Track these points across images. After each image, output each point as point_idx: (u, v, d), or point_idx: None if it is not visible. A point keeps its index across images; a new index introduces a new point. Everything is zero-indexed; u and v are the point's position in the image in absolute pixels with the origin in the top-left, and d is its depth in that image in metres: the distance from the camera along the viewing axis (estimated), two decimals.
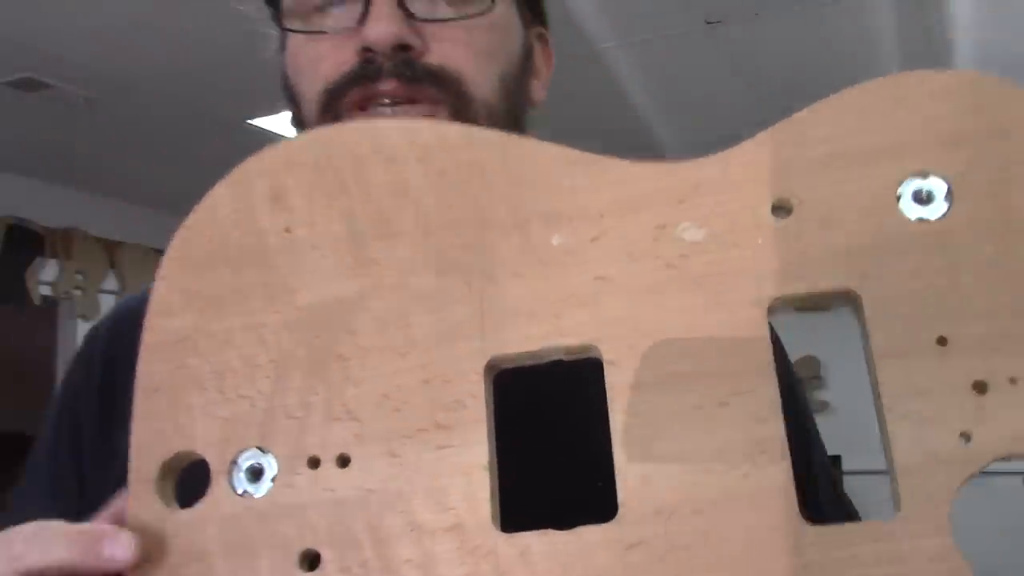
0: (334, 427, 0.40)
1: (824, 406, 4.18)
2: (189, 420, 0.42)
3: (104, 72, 2.81)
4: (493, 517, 0.38)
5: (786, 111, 0.41)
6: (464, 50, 0.57)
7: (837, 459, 4.03)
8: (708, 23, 2.58)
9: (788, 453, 0.37)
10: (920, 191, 0.38)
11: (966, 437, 0.38)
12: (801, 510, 0.37)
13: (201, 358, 0.42)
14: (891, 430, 0.37)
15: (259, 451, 0.41)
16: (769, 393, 0.38)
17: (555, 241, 0.41)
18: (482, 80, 0.57)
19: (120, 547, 0.39)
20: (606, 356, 0.39)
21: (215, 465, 0.41)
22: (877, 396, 0.38)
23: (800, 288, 0.39)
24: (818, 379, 4.19)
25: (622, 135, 3.54)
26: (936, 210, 0.38)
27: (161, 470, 0.41)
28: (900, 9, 2.54)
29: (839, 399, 4.16)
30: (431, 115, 0.55)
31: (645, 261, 0.40)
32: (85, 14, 2.45)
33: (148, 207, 4.41)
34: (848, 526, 0.36)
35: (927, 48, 2.80)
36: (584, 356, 0.40)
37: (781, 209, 0.39)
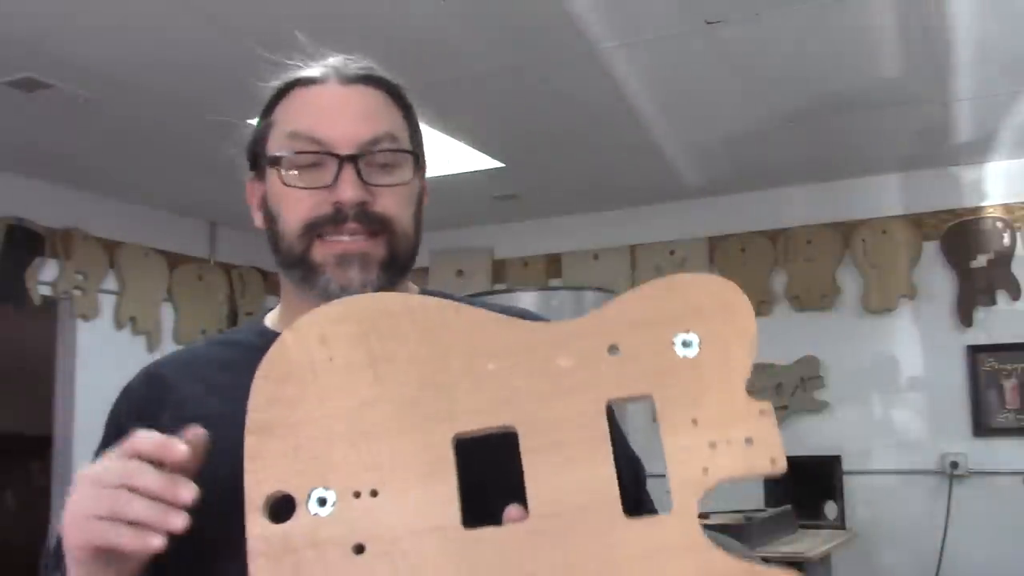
0: (366, 475, 0.70)
1: (823, 406, 4.18)
2: (278, 473, 0.71)
3: (104, 72, 2.81)
4: (459, 521, 0.69)
5: (786, 111, 0.42)
6: (395, 202, 0.92)
7: (837, 459, 4.03)
8: (708, 23, 2.58)
9: (615, 484, 0.69)
10: (684, 340, 0.70)
11: (705, 471, 0.68)
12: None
13: (280, 439, 0.72)
14: (668, 468, 0.68)
15: (324, 488, 0.70)
16: (605, 451, 0.69)
17: (490, 366, 0.72)
18: (404, 219, 0.93)
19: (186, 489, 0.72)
20: (520, 431, 0.70)
21: (298, 498, 0.70)
22: (664, 448, 0.69)
23: (622, 394, 0.71)
24: (818, 379, 4.19)
25: (622, 135, 3.54)
26: (692, 351, 0.70)
27: (265, 501, 0.70)
28: (900, 9, 2.54)
29: (838, 399, 4.16)
30: (375, 245, 0.90)
31: (538, 377, 0.71)
32: (85, 14, 2.45)
33: (148, 207, 4.41)
34: (644, 518, 0.69)
35: (927, 48, 2.81)
36: (507, 431, 0.71)
37: (614, 348, 0.71)
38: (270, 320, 1.00)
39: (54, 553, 0.81)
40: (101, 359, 4.05)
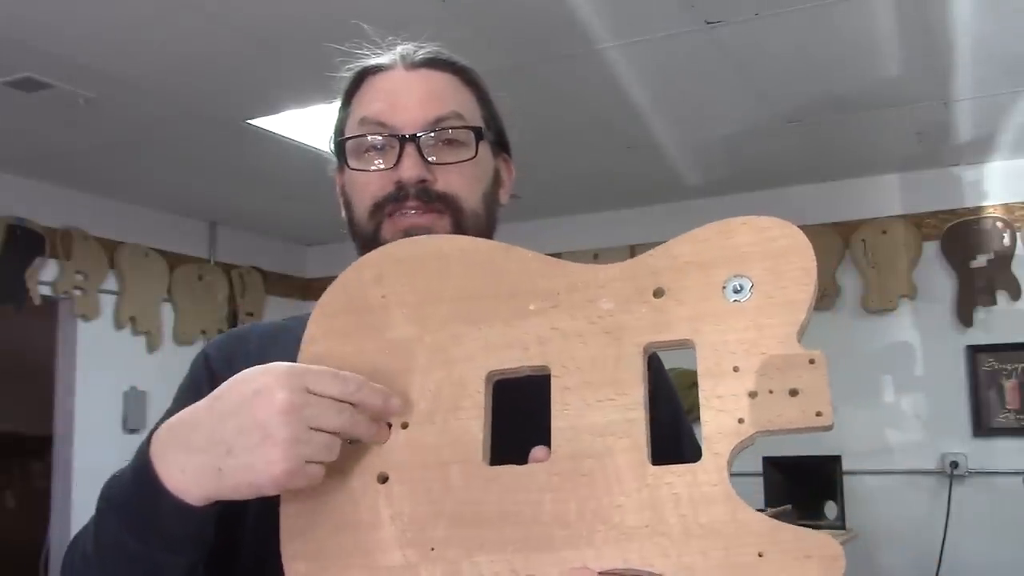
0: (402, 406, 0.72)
1: None
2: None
3: (104, 72, 2.81)
4: (484, 457, 0.70)
5: (786, 111, 0.43)
6: (460, 180, 0.92)
7: (837, 459, 4.02)
8: (708, 23, 2.58)
9: (645, 430, 0.66)
10: (736, 285, 0.67)
11: (741, 421, 0.64)
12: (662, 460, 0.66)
13: (330, 365, 0.71)
14: (703, 416, 0.65)
15: None
16: (637, 396, 0.67)
17: (531, 307, 0.72)
18: (471, 198, 0.93)
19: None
20: (553, 372, 0.70)
21: None
22: (699, 397, 0.65)
23: (661, 338, 0.68)
24: None
25: (622, 135, 3.54)
26: (744, 296, 0.66)
27: None
28: (900, 9, 2.54)
29: (838, 399, 4.13)
30: (440, 221, 0.90)
31: (578, 319, 0.70)
32: (85, 14, 2.45)
33: (148, 207, 4.41)
34: (671, 466, 0.65)
35: (927, 48, 2.81)
36: (541, 373, 0.70)
37: (660, 291, 0.69)
38: None
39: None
40: (101, 359, 4.06)
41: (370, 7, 2.42)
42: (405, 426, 0.71)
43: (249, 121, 3.28)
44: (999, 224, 4.00)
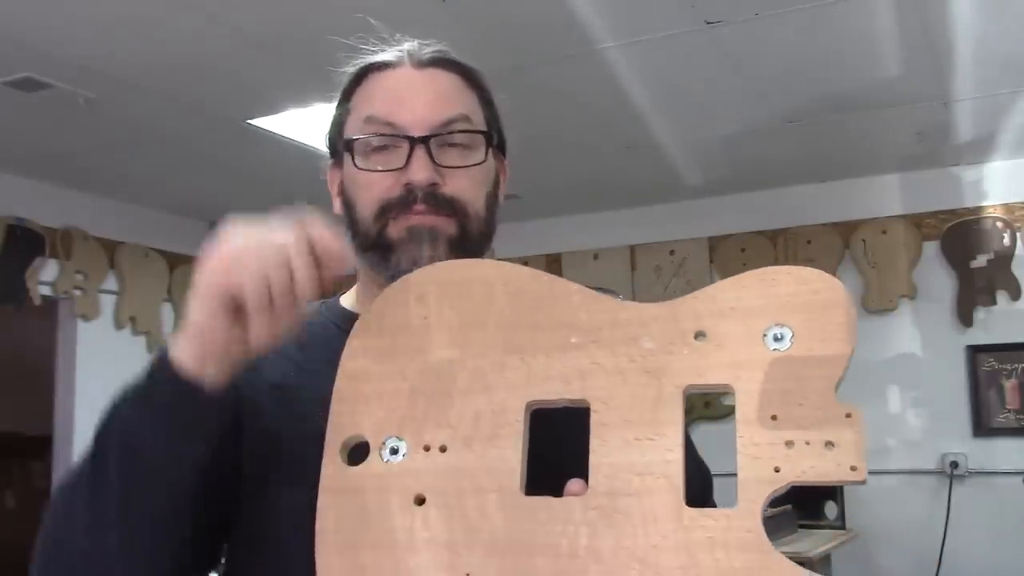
0: (438, 431, 0.73)
1: None
2: (360, 419, 0.75)
3: (104, 72, 2.81)
4: (520, 486, 0.70)
5: (786, 111, 0.43)
6: (468, 184, 0.92)
7: None
8: (708, 23, 2.58)
9: (682, 472, 0.67)
10: (777, 333, 0.68)
11: (776, 470, 0.64)
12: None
13: (369, 384, 0.75)
14: (739, 461, 0.65)
15: (397, 438, 0.73)
16: (676, 438, 0.68)
17: (573, 339, 0.73)
18: (477, 202, 0.93)
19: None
20: (592, 407, 0.70)
21: (372, 444, 0.74)
22: (736, 443, 0.66)
23: (700, 381, 0.68)
24: None
25: (622, 135, 3.54)
26: (784, 345, 0.67)
27: (343, 444, 0.74)
28: (900, 9, 2.54)
29: (838, 399, 4.15)
30: (446, 225, 0.90)
31: (620, 356, 0.71)
32: (85, 14, 2.45)
33: (148, 207, 4.41)
34: (707, 510, 0.65)
35: (927, 48, 2.81)
36: (579, 406, 0.71)
37: (701, 334, 0.69)
38: (347, 302, 1.01)
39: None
40: (101, 359, 4.06)
41: (370, 7, 2.42)
42: (443, 450, 0.72)
43: (249, 121, 3.28)
44: (999, 224, 4.00)
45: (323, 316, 0.99)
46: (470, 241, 0.92)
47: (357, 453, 0.74)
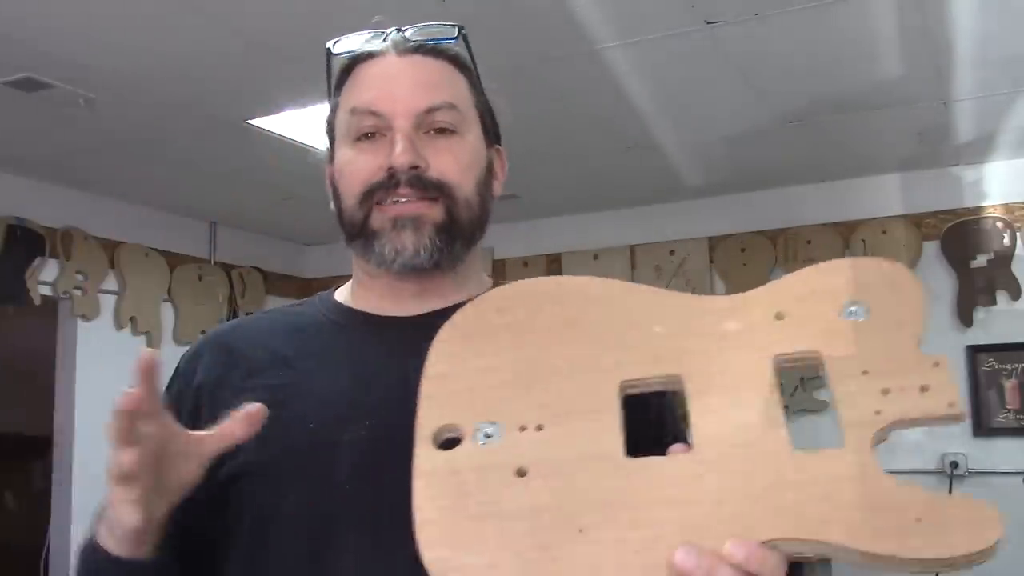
0: (533, 412, 0.73)
1: (824, 406, 4.18)
2: (447, 409, 0.75)
3: (104, 72, 2.81)
4: (623, 452, 0.70)
5: (786, 111, 0.43)
6: (453, 166, 0.91)
7: None
8: (708, 23, 2.58)
9: (785, 423, 0.68)
10: (854, 309, 0.71)
11: (877, 412, 0.67)
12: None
13: (453, 382, 0.76)
14: (839, 411, 0.68)
15: (490, 423, 0.73)
16: (774, 400, 0.70)
17: (657, 329, 0.75)
18: (465, 185, 0.92)
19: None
20: (686, 380, 0.72)
21: (465, 431, 0.73)
22: (833, 395, 0.69)
23: (792, 349, 0.72)
24: (818, 379, 4.19)
25: (622, 135, 3.54)
26: (863, 316, 0.71)
27: (433, 434, 0.73)
28: (900, 9, 2.54)
29: None
30: (432, 209, 0.90)
31: (706, 338, 0.73)
32: (85, 14, 2.45)
33: (148, 207, 4.41)
34: (822, 450, 0.67)
35: (927, 48, 2.81)
36: (671, 386, 0.73)
37: (780, 316, 0.73)
38: (341, 296, 1.00)
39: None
40: (101, 359, 4.05)
41: (370, 6, 2.42)
42: (540, 428, 0.73)
43: (249, 121, 3.28)
44: (999, 224, 4.00)
45: (315, 308, 0.99)
46: (459, 226, 0.91)
47: (448, 446, 0.74)
